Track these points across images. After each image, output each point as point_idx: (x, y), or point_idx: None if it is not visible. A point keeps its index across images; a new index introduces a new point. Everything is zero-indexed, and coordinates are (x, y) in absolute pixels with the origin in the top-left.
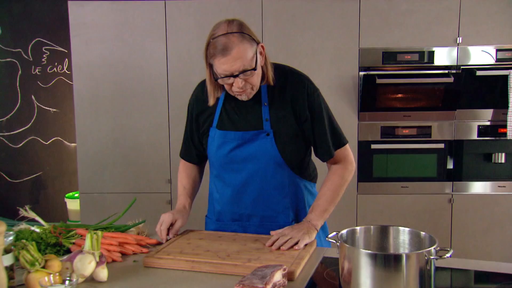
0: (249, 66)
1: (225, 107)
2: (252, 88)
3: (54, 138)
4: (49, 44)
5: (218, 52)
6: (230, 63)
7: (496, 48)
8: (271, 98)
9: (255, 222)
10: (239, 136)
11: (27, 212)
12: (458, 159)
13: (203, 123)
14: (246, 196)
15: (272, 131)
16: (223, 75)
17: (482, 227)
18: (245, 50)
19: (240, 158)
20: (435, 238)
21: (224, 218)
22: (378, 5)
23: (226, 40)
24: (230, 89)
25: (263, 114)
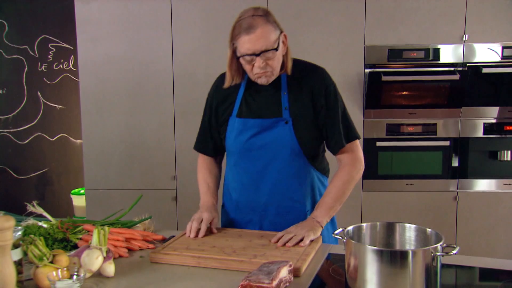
0: (271, 47)
1: (245, 96)
2: (272, 72)
3: (60, 134)
4: (55, 41)
5: (243, 30)
6: (254, 42)
7: (502, 46)
8: (290, 87)
9: (272, 211)
10: (258, 123)
11: (34, 207)
12: (463, 156)
13: (223, 113)
14: (263, 184)
15: (291, 119)
16: (245, 53)
17: (487, 224)
18: (269, 32)
19: (258, 146)
20: (441, 235)
21: (241, 207)
22: (384, 2)
23: (251, 21)
24: (251, 71)
25: (283, 103)
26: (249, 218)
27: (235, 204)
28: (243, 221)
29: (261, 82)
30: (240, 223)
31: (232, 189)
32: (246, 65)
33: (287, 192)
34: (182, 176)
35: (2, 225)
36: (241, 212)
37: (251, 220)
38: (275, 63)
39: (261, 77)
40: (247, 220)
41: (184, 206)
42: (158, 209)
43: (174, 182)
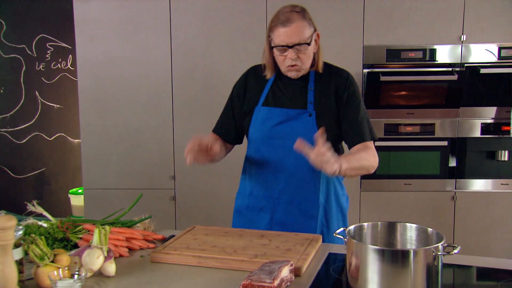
0: (304, 41)
1: (273, 88)
2: (301, 67)
3: (58, 134)
4: (53, 40)
5: (280, 23)
6: (288, 35)
7: (500, 46)
8: (317, 83)
9: (285, 199)
10: (283, 113)
11: (34, 207)
12: (461, 156)
13: (248, 101)
14: (281, 172)
15: (315, 113)
16: (279, 44)
17: (484, 224)
18: (304, 27)
19: (280, 134)
20: (442, 234)
21: (256, 193)
22: (382, 3)
23: (289, 15)
24: (283, 62)
25: (308, 97)
26: (262, 205)
27: (250, 190)
28: (256, 208)
29: (291, 76)
30: (253, 209)
31: (250, 174)
32: (278, 57)
33: (303, 182)
34: (180, 175)
35: (3, 224)
36: (255, 198)
37: (264, 207)
38: (306, 58)
39: (292, 70)
40: (260, 207)
41: (182, 206)
42: (156, 208)
43: (173, 182)
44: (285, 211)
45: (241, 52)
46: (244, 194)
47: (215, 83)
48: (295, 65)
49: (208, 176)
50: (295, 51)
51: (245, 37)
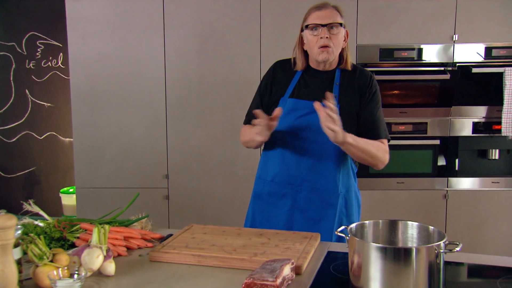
0: (337, 22)
1: (300, 81)
2: (332, 50)
3: (49, 133)
4: (44, 38)
5: (315, 7)
6: (323, 16)
7: (491, 46)
8: (342, 80)
9: (307, 187)
10: (309, 105)
11: (31, 206)
12: (453, 155)
13: (276, 92)
14: (304, 161)
15: (339, 106)
16: (313, 22)
17: (476, 222)
18: (336, 14)
19: (305, 125)
20: (443, 232)
21: (278, 180)
22: (376, 2)
23: (324, 3)
24: (315, 44)
25: (334, 91)
26: (284, 192)
27: (272, 177)
28: (277, 194)
29: (322, 58)
30: (275, 195)
31: (271, 163)
32: (311, 39)
33: (324, 171)
34: (174, 174)
35: (4, 224)
36: (278, 185)
37: (286, 194)
38: (337, 40)
39: (323, 52)
40: (282, 193)
41: (176, 204)
42: (150, 207)
43: (166, 181)
44: (306, 198)
45: (234, 52)
46: (265, 180)
47: (209, 82)
48: (326, 46)
49: (202, 174)
50: (327, 31)
51: (239, 37)
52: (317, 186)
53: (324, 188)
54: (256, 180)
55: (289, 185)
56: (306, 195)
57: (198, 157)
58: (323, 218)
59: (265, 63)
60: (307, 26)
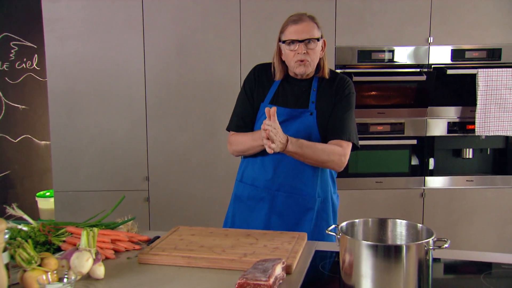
0: (313, 37)
1: (279, 89)
2: (310, 63)
3: (23, 136)
4: (18, 39)
5: (291, 21)
6: (299, 31)
7: (464, 48)
8: (319, 86)
9: (285, 192)
10: (287, 112)
11: (14, 210)
12: (429, 154)
13: (256, 98)
14: (282, 166)
15: (316, 112)
16: (290, 38)
17: (452, 219)
18: (313, 27)
19: (284, 131)
20: (432, 230)
21: (257, 184)
22: (353, 5)
23: (300, 16)
24: (292, 58)
25: (311, 97)
26: (262, 196)
27: (252, 181)
28: (256, 198)
29: (299, 72)
30: (254, 199)
31: (251, 167)
32: (288, 53)
33: (302, 176)
34: (154, 176)
35: None
36: (256, 189)
37: (264, 198)
38: (314, 55)
39: (301, 65)
40: (260, 197)
41: (156, 207)
42: (130, 210)
43: (146, 183)
44: (284, 203)
45: (214, 53)
46: (245, 184)
47: (189, 84)
48: (304, 60)
49: (182, 177)
50: (304, 46)
51: (219, 38)
52: (295, 191)
53: (302, 193)
54: (236, 183)
55: (266, 189)
56: (283, 199)
57: (179, 159)
58: (300, 222)
59: (245, 65)
60: (284, 41)
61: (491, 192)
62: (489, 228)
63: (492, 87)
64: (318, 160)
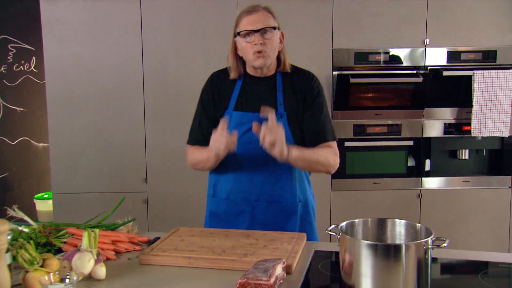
0: (269, 25)
1: (241, 92)
2: (268, 54)
3: (21, 138)
4: (16, 42)
5: (245, 12)
6: (254, 21)
7: (460, 50)
8: (284, 85)
9: (264, 201)
10: (256, 117)
11: (15, 212)
12: (426, 155)
13: (218, 106)
14: (258, 175)
15: (286, 113)
16: (245, 29)
17: (448, 220)
18: (269, 17)
19: (255, 138)
20: (430, 229)
21: (234, 197)
22: (350, 7)
23: (254, 6)
24: (249, 50)
25: (278, 99)
26: (241, 209)
27: (227, 195)
28: (234, 212)
29: (258, 64)
30: (232, 213)
31: (223, 181)
32: (245, 46)
33: (280, 182)
34: (153, 178)
35: None
36: (233, 203)
37: (243, 211)
38: (272, 45)
39: (259, 57)
40: (239, 211)
41: (155, 208)
42: (129, 211)
43: (145, 185)
44: (265, 212)
45: (212, 54)
46: (220, 199)
47: (187, 85)
48: (261, 51)
49: (181, 178)
50: (261, 36)
51: (217, 39)
52: (275, 199)
53: (282, 199)
54: (209, 199)
55: (245, 202)
56: (264, 209)
57: (177, 160)
58: (284, 228)
59: None
60: (239, 33)
61: (487, 192)
62: (485, 228)
63: (487, 88)
64: (319, 163)
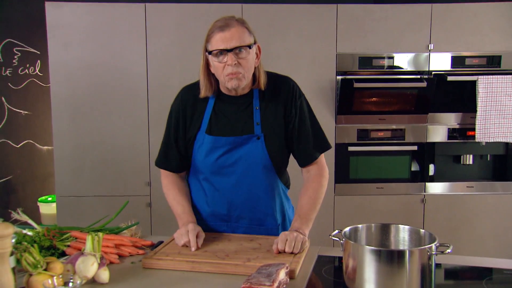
0: (244, 44)
1: (215, 111)
2: (243, 75)
3: (26, 141)
4: (21, 45)
5: (217, 28)
6: (227, 39)
7: (465, 55)
8: (262, 101)
9: (244, 224)
10: (230, 141)
11: (19, 215)
12: (429, 160)
13: (189, 127)
14: (236, 198)
15: (263, 135)
16: (217, 48)
17: (452, 225)
18: (243, 33)
19: (230, 163)
20: (434, 235)
21: (213, 220)
22: (354, 12)
23: (227, 21)
24: (222, 72)
25: (254, 118)
26: (222, 230)
27: (206, 217)
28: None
29: (231, 86)
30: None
31: (202, 202)
32: (217, 66)
33: (258, 205)
34: (156, 182)
35: (2, 232)
36: (213, 224)
37: (225, 231)
38: (248, 65)
39: (232, 78)
40: (220, 231)
41: (158, 212)
42: (132, 215)
43: (148, 188)
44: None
45: None
46: (199, 219)
47: None
48: (236, 72)
49: None
50: (235, 56)
51: None
52: (255, 221)
53: (262, 223)
54: None
55: (225, 223)
56: (244, 230)
57: None
58: None
59: None
60: (210, 52)
61: (491, 198)
62: (489, 234)
63: (492, 93)
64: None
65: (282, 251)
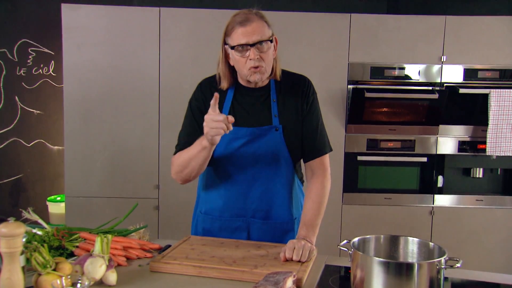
0: (265, 38)
1: (234, 104)
2: (265, 69)
3: (37, 140)
4: (36, 46)
5: (237, 23)
6: (249, 33)
7: (477, 68)
8: (278, 94)
9: (260, 217)
10: (250, 132)
11: (30, 214)
12: (439, 172)
13: None
14: (253, 191)
15: (281, 126)
16: (239, 43)
17: (460, 238)
18: (263, 26)
19: (249, 153)
20: (444, 249)
21: (228, 215)
22: (368, 22)
23: (247, 15)
24: (244, 66)
25: (272, 110)
26: (237, 225)
27: (220, 212)
28: (229, 228)
29: (254, 79)
30: (226, 230)
31: (215, 198)
32: (239, 60)
33: (275, 199)
34: (165, 185)
35: (13, 231)
36: (228, 220)
37: (239, 227)
38: (268, 58)
39: (256, 72)
40: (234, 227)
41: (166, 215)
42: (140, 218)
43: (157, 191)
44: (260, 229)
45: None
46: (213, 216)
47: None
48: (258, 66)
49: (193, 186)
50: (257, 50)
51: None
52: (270, 215)
53: (278, 216)
54: (201, 216)
55: (240, 218)
56: (260, 226)
57: None
58: None
59: None
60: (233, 47)
61: (500, 212)
62: (498, 249)
63: (504, 107)
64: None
65: (290, 259)
